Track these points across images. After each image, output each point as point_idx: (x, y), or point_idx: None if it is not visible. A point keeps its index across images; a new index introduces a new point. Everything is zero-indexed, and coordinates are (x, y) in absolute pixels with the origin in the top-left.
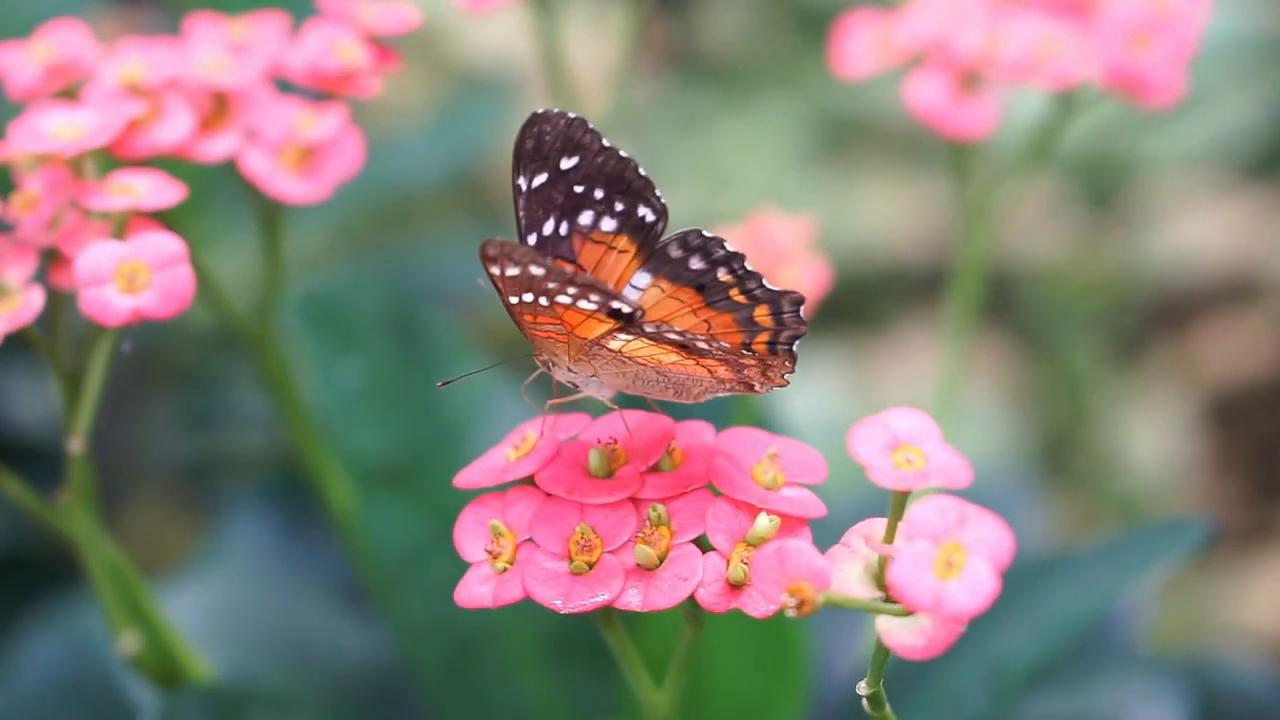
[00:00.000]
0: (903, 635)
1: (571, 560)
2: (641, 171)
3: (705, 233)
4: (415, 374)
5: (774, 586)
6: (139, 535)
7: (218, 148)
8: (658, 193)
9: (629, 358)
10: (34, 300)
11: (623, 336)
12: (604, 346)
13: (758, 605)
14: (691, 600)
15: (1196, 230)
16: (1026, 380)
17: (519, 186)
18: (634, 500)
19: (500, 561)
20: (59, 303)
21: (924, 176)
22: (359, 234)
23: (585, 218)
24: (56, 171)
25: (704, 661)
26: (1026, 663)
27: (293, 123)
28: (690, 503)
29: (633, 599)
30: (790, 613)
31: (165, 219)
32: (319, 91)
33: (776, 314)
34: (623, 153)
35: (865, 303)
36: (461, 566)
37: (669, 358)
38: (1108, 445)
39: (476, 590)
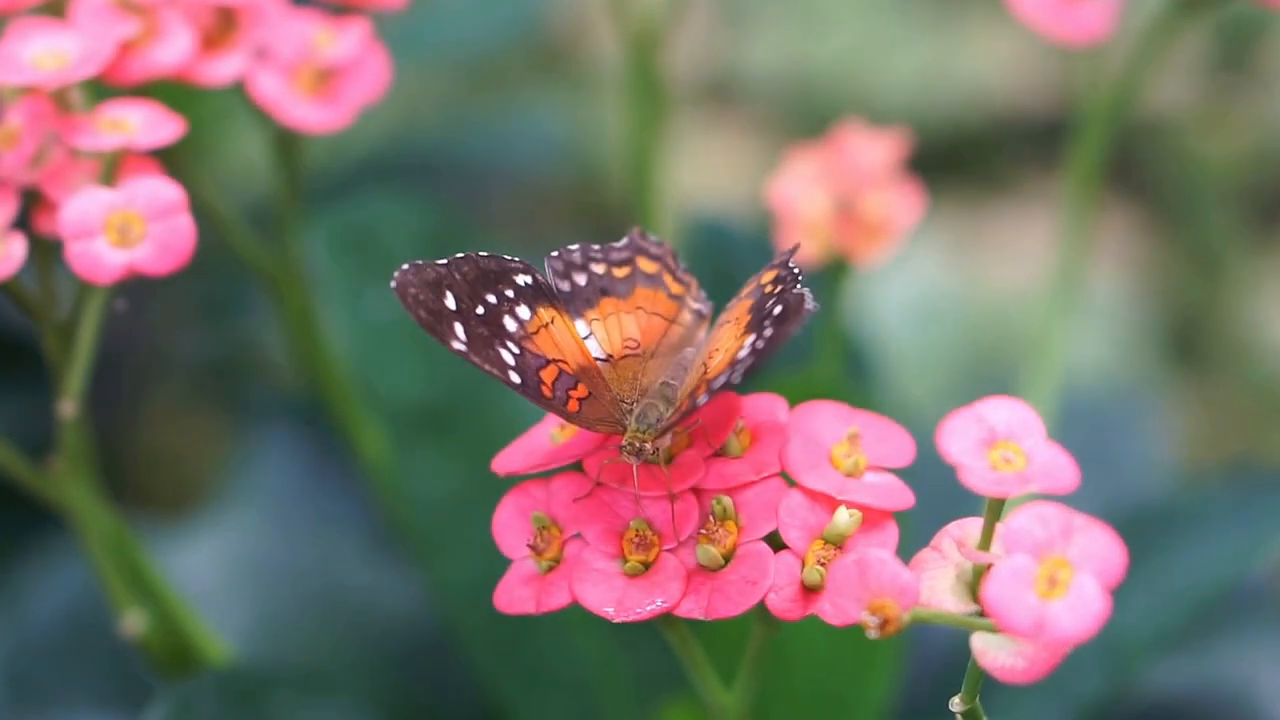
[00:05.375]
0: (1000, 655)
1: (625, 560)
2: (484, 254)
3: (554, 252)
4: None
5: (854, 603)
6: (161, 446)
7: (224, 70)
8: (507, 256)
9: None
10: (15, 251)
11: None
12: None
13: (836, 612)
14: (761, 605)
15: None
16: (1154, 256)
17: (459, 351)
18: (696, 490)
19: (545, 559)
20: (45, 249)
21: None
22: (411, 103)
23: (510, 324)
24: (39, 103)
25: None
26: (1146, 638)
27: (308, 40)
28: (760, 493)
29: (694, 606)
30: (872, 633)
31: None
32: (337, 4)
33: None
34: (460, 255)
35: (975, 158)
36: None
37: None
38: (1243, 328)
39: (518, 593)
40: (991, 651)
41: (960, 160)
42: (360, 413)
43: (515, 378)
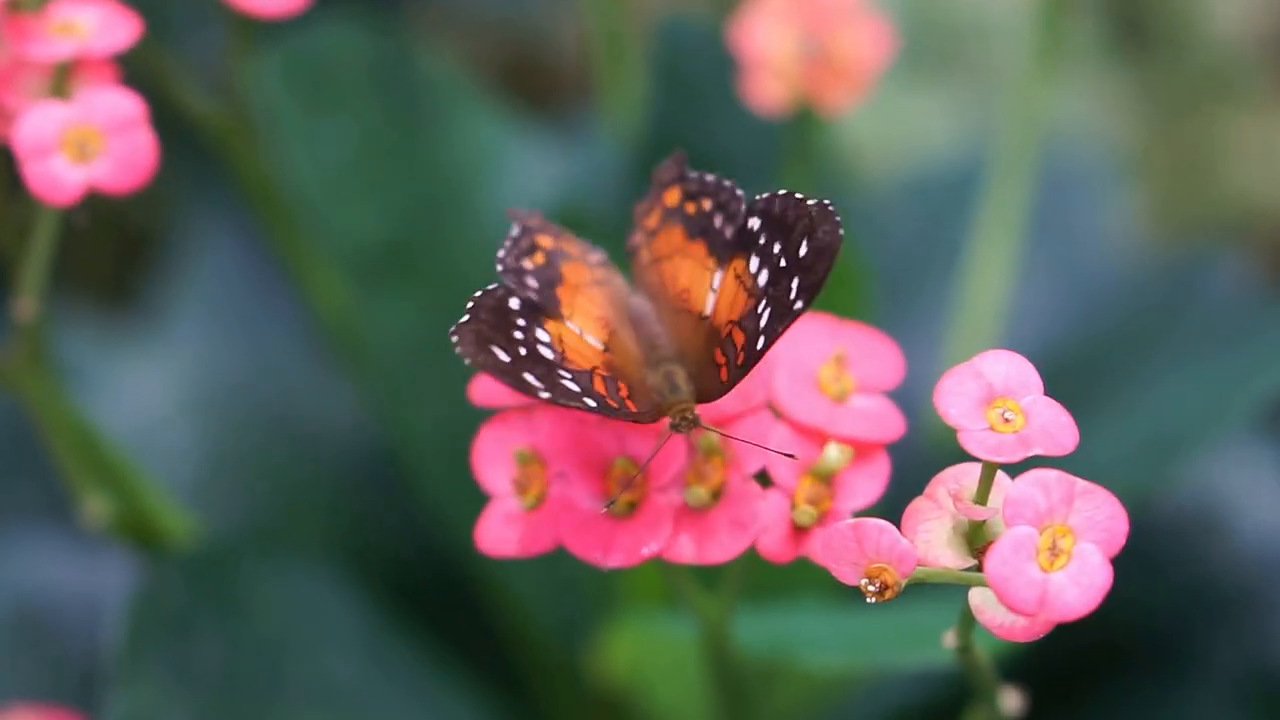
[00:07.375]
0: (1000, 613)
1: (612, 500)
2: (479, 293)
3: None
4: (411, 132)
5: (851, 568)
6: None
7: None
8: (485, 289)
9: None
10: None
11: None
12: None
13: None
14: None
15: None
16: None
17: (547, 398)
18: None
19: (529, 496)
20: None
21: None
22: None
23: (547, 353)
24: None
25: None
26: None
27: None
28: (748, 427)
29: (685, 549)
30: (870, 599)
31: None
32: None
33: None
34: (470, 303)
35: None
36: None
37: None
38: (1188, 13)
39: (501, 533)
40: (990, 609)
41: None
42: (318, 264)
43: (591, 402)
